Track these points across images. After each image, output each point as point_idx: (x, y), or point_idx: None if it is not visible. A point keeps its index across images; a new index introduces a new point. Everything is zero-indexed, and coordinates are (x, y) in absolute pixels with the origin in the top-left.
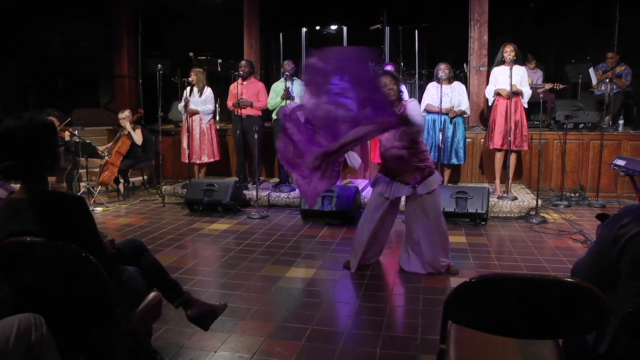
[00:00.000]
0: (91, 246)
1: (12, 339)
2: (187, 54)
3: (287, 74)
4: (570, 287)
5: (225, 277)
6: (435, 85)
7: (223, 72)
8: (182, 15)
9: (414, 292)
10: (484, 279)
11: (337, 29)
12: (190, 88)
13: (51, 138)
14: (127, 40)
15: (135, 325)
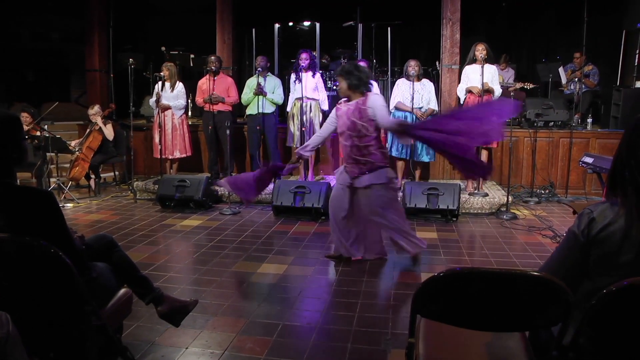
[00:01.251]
0: (60, 242)
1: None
2: (160, 49)
3: (259, 69)
4: (536, 281)
5: (197, 273)
6: (404, 82)
7: (196, 67)
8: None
9: (386, 287)
10: (452, 273)
11: (310, 25)
12: (162, 83)
13: (16, 132)
14: (99, 34)
15: (105, 321)
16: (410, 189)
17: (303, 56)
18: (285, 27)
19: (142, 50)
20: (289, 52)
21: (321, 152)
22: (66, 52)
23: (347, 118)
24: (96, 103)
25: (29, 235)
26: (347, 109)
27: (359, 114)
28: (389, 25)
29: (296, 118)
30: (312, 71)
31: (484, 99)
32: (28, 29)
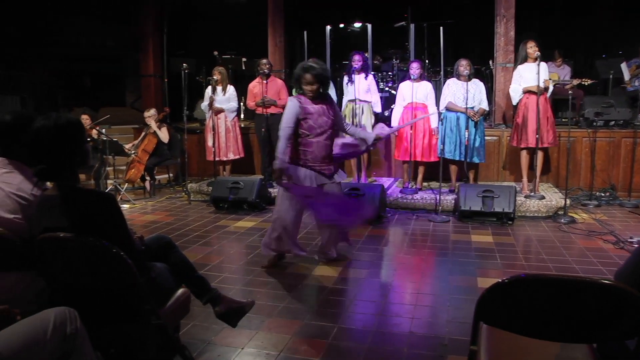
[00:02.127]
0: (121, 242)
1: (50, 331)
2: (212, 53)
3: None
4: (608, 290)
5: (252, 274)
6: (455, 82)
7: (247, 71)
8: (207, 15)
9: (441, 291)
10: (517, 280)
11: (361, 26)
12: (214, 87)
13: (79, 135)
14: (153, 40)
15: (164, 320)
16: (464, 191)
17: (356, 58)
18: (336, 28)
19: (195, 55)
20: (340, 54)
21: (373, 154)
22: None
23: (322, 115)
24: (151, 107)
25: (92, 236)
26: (319, 106)
27: (332, 111)
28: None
29: (348, 120)
30: (364, 73)
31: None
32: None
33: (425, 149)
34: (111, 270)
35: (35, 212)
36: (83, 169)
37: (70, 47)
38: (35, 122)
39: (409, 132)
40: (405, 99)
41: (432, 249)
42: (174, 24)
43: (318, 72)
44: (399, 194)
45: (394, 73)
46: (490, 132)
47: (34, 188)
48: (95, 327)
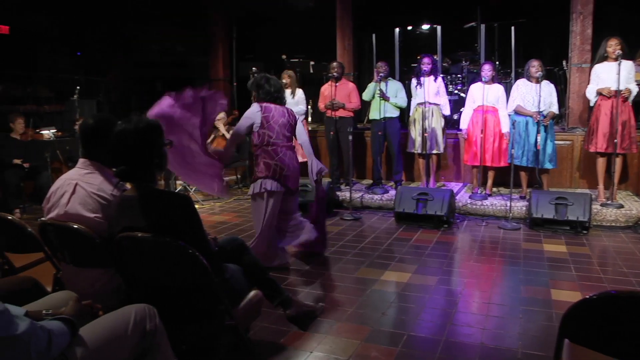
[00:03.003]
0: (197, 243)
1: (130, 327)
2: (280, 57)
3: (381, 74)
4: None
5: (320, 278)
6: (525, 84)
7: (315, 74)
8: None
9: (513, 302)
10: (607, 296)
11: (430, 28)
12: None
13: (158, 138)
14: (222, 45)
15: (237, 321)
16: (536, 198)
17: (425, 60)
18: (404, 31)
19: (263, 59)
20: (408, 56)
21: (442, 158)
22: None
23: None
24: None
25: (169, 236)
26: (280, 110)
27: (291, 116)
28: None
29: (417, 123)
30: (433, 75)
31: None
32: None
33: (495, 154)
34: (187, 270)
35: (114, 211)
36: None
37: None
38: (116, 125)
39: (479, 136)
40: (475, 102)
41: (502, 257)
42: (243, 28)
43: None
44: (468, 199)
45: (463, 75)
46: (563, 136)
47: (114, 189)
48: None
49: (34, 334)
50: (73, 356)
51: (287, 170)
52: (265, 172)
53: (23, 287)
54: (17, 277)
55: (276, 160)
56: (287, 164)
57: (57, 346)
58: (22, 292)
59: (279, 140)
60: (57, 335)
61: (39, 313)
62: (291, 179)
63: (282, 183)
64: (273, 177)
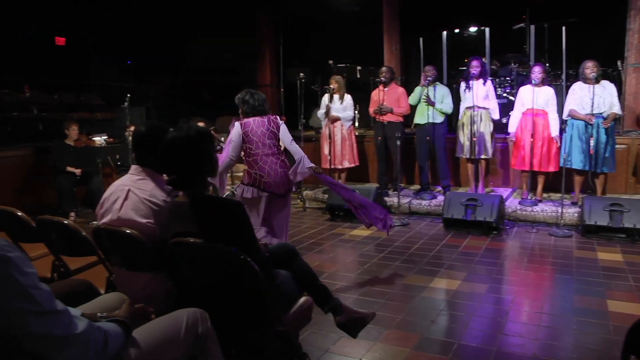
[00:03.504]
0: (248, 249)
1: (183, 331)
2: (327, 62)
3: (429, 79)
4: None
5: (368, 284)
6: (581, 86)
7: (362, 79)
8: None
9: (566, 312)
10: None
11: (477, 30)
12: (330, 95)
13: (209, 146)
14: (269, 51)
15: (287, 327)
16: (589, 204)
17: (474, 63)
18: (452, 34)
19: (310, 65)
20: (456, 59)
21: (491, 163)
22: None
23: (264, 129)
24: None
25: (220, 242)
26: (259, 122)
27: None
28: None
29: (466, 128)
30: (482, 79)
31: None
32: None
33: (544, 158)
34: (238, 275)
35: (166, 217)
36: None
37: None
38: (168, 133)
39: (528, 140)
40: (524, 105)
41: (554, 266)
42: (290, 34)
43: None
44: (518, 205)
45: (512, 78)
46: (618, 139)
47: (166, 195)
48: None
49: (92, 334)
50: (127, 357)
51: (268, 176)
52: (247, 180)
53: (78, 289)
54: (72, 279)
55: (255, 169)
56: (267, 171)
57: (113, 347)
58: (77, 294)
59: (259, 150)
60: (113, 336)
61: (94, 315)
62: (273, 185)
63: (261, 189)
64: (252, 184)
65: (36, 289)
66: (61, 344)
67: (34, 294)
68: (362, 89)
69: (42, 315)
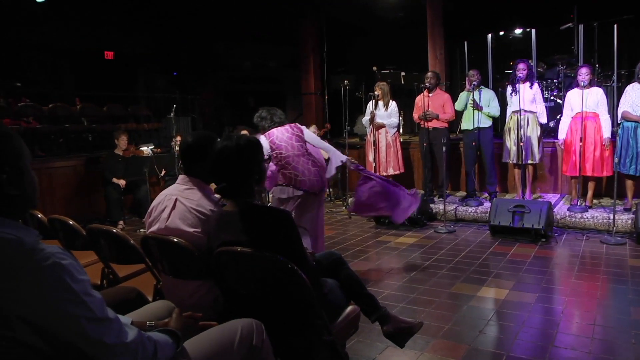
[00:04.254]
0: (296, 258)
1: (237, 341)
2: (371, 69)
3: (474, 83)
4: None
5: (415, 292)
6: (635, 88)
7: (406, 85)
8: (364, 31)
9: (621, 324)
10: None
11: (523, 32)
12: (375, 102)
13: (258, 155)
14: (313, 59)
15: (334, 336)
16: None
17: (520, 66)
18: (497, 36)
19: (354, 71)
20: (501, 62)
21: (538, 168)
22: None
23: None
24: (312, 124)
25: (269, 251)
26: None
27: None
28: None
29: (513, 132)
30: (529, 82)
31: None
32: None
33: (596, 163)
34: (286, 284)
35: (213, 226)
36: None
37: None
38: (216, 142)
39: (578, 145)
40: (573, 109)
41: (606, 275)
42: (333, 41)
43: None
44: (567, 211)
45: (560, 80)
46: None
47: (213, 204)
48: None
49: (142, 343)
50: None
51: (302, 175)
52: (282, 180)
53: (127, 297)
54: (121, 287)
55: (289, 169)
56: (301, 170)
57: (162, 357)
58: (126, 302)
59: (289, 152)
60: (163, 346)
61: (143, 324)
62: (308, 183)
63: (297, 187)
64: (288, 184)
65: (89, 295)
66: (111, 351)
67: (87, 301)
68: (406, 94)
69: (94, 322)
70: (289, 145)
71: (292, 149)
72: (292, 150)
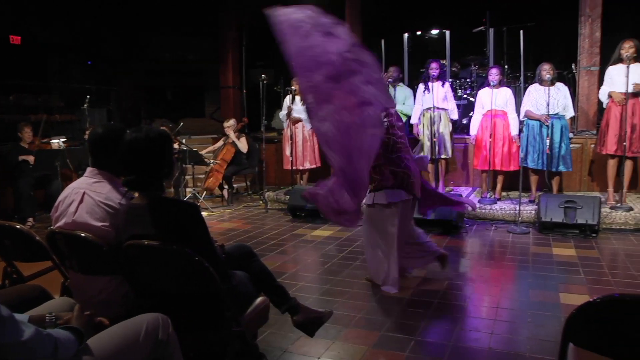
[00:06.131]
0: (204, 250)
1: (142, 336)
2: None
3: (389, 80)
4: None
5: (329, 284)
6: (537, 88)
7: None
8: None
9: (522, 306)
10: (611, 300)
11: (438, 33)
12: (292, 97)
13: (168, 148)
14: (233, 53)
15: (244, 327)
16: (545, 202)
17: (433, 66)
18: (414, 36)
19: (273, 66)
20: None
21: (451, 162)
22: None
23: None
24: (230, 117)
25: (176, 244)
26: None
27: None
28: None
29: (426, 128)
30: (441, 80)
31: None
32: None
33: (505, 158)
34: (194, 277)
35: (122, 220)
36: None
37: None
38: (126, 134)
39: (488, 141)
40: (484, 107)
41: (511, 262)
42: (253, 35)
43: None
44: (477, 204)
45: (472, 80)
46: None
47: (122, 197)
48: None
49: (40, 340)
50: None
51: (414, 176)
52: (392, 182)
53: (30, 295)
54: (24, 285)
55: (402, 167)
56: (413, 170)
57: (63, 354)
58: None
59: (403, 145)
60: (64, 343)
61: (42, 317)
62: (416, 186)
63: (409, 190)
64: (400, 186)
65: None
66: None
67: None
68: None
69: None
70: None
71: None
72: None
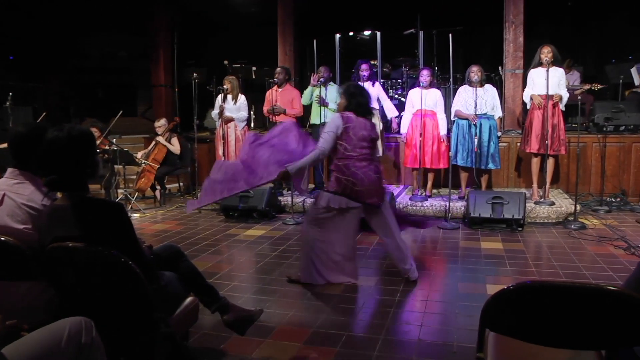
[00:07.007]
0: (130, 251)
1: (64, 341)
2: (222, 63)
3: (321, 80)
4: (616, 297)
5: (261, 282)
6: (466, 89)
7: (258, 80)
8: (218, 25)
9: (451, 298)
10: (523, 287)
11: (370, 34)
12: (224, 95)
13: (90, 147)
14: (164, 51)
15: (173, 328)
16: (474, 198)
17: (364, 67)
18: (346, 37)
19: (205, 65)
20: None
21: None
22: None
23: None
24: (162, 117)
25: (102, 245)
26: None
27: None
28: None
29: None
30: (371, 81)
31: (550, 104)
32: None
33: (434, 156)
34: (120, 279)
35: (45, 222)
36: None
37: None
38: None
39: (418, 139)
40: (414, 106)
41: (441, 256)
42: (185, 34)
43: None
44: (409, 201)
45: (404, 80)
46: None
47: (44, 198)
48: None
49: None
50: None
51: (361, 184)
52: (334, 187)
53: None
54: None
55: (347, 175)
56: (360, 178)
57: None
58: None
59: (355, 152)
60: None
61: None
62: (366, 194)
63: (352, 198)
64: (342, 193)
65: None
66: None
67: None
68: (258, 89)
69: None
70: (357, 145)
71: (360, 150)
72: (360, 150)
